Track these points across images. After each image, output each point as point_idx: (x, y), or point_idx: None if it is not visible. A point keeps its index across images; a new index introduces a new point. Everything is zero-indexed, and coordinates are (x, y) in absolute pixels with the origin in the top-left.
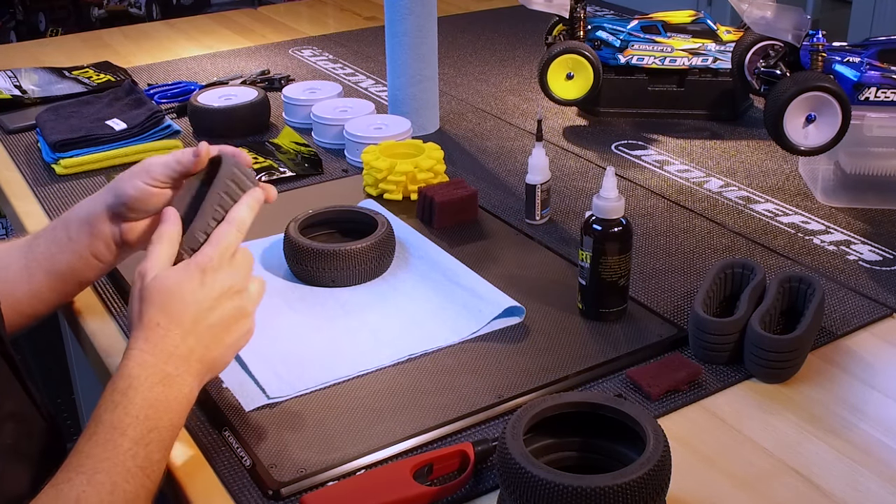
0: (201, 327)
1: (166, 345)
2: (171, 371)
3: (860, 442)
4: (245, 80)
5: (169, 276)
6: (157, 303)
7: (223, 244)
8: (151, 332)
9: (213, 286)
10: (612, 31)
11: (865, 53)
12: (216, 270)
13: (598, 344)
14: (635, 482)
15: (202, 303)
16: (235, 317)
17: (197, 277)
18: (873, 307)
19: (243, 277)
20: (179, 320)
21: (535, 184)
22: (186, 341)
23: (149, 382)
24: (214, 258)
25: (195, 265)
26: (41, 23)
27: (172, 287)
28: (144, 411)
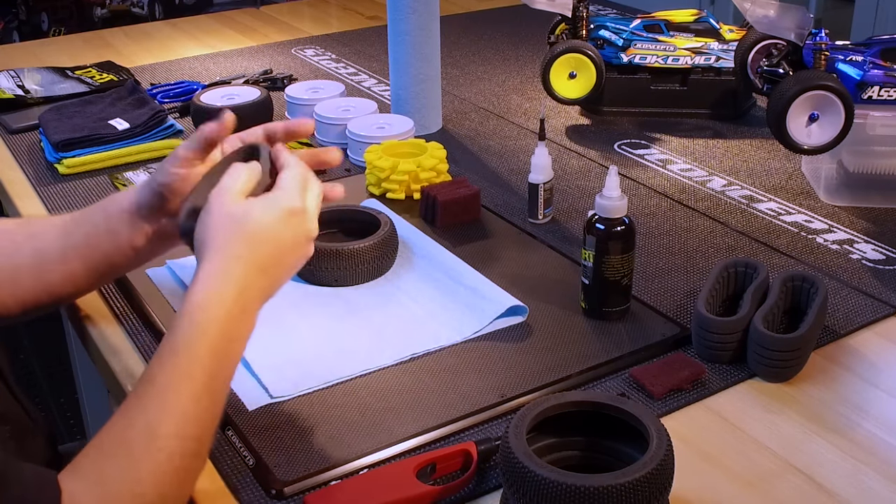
0: (278, 268)
1: (245, 281)
2: (246, 306)
3: (864, 441)
4: (248, 79)
5: (261, 210)
6: (246, 235)
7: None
8: (231, 265)
9: (297, 230)
10: (614, 30)
11: (868, 52)
12: (302, 212)
13: (601, 343)
14: (638, 481)
15: (285, 244)
16: (302, 257)
17: (285, 219)
18: (876, 306)
19: (314, 219)
20: (261, 260)
21: (537, 183)
22: (262, 280)
23: (225, 317)
24: (299, 200)
25: (286, 204)
26: (44, 23)
27: (262, 222)
28: (220, 344)
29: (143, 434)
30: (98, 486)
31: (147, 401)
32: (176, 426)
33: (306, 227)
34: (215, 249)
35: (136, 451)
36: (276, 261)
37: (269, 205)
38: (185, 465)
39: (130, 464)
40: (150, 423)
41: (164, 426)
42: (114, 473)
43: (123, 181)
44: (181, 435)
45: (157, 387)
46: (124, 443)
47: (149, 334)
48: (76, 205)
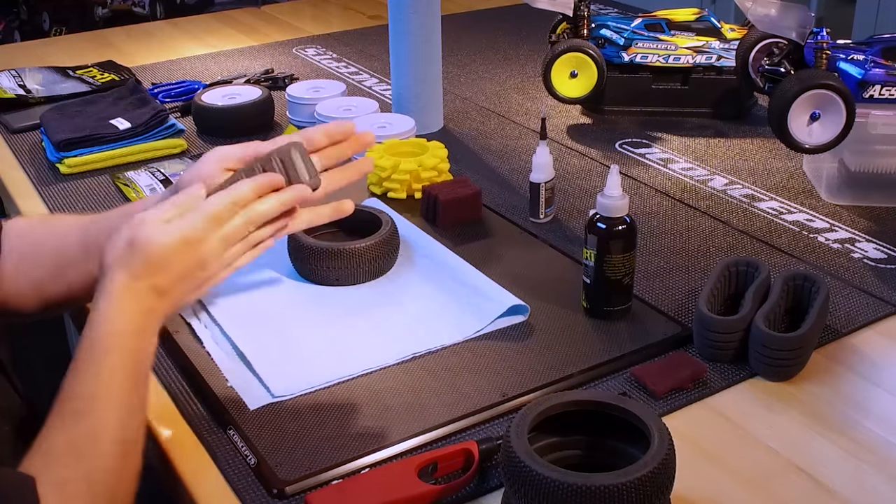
0: (173, 292)
1: (145, 301)
2: (147, 324)
3: (865, 440)
4: (249, 78)
5: (159, 237)
6: (145, 259)
7: (211, 214)
8: (134, 286)
9: (191, 259)
10: (615, 29)
11: (870, 51)
12: (199, 243)
13: (602, 342)
14: (640, 480)
15: (180, 269)
16: (199, 287)
17: (182, 245)
18: (878, 305)
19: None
20: (158, 284)
21: (539, 182)
22: (160, 302)
23: (133, 331)
24: (200, 229)
25: (184, 231)
26: (45, 22)
27: (159, 250)
28: (134, 356)
29: (87, 440)
30: (59, 488)
31: (80, 413)
32: (114, 431)
33: (200, 258)
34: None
35: (84, 456)
36: (172, 285)
37: (169, 230)
38: (127, 465)
39: (82, 466)
40: (92, 431)
41: (104, 432)
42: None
43: (125, 181)
44: (119, 439)
45: (85, 398)
46: (72, 449)
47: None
48: (77, 204)
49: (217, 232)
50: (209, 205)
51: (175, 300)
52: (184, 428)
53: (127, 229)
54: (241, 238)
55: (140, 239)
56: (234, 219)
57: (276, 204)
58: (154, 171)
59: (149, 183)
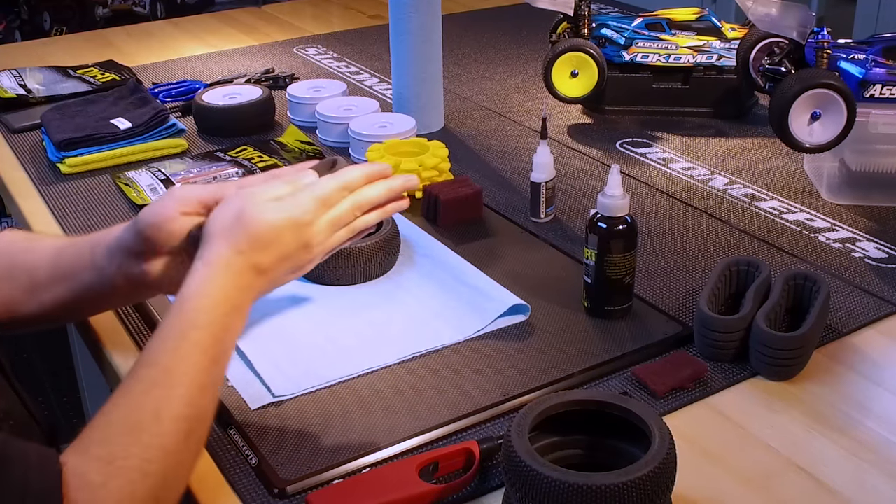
0: (272, 272)
1: (243, 278)
2: (241, 301)
3: (866, 440)
4: (249, 78)
5: (268, 212)
6: (251, 234)
7: (321, 196)
8: (235, 260)
9: (296, 240)
10: (616, 28)
11: (870, 50)
12: (307, 225)
13: (603, 342)
14: (641, 480)
15: (283, 250)
16: (298, 269)
17: (288, 225)
18: (879, 304)
19: (322, 239)
20: (260, 261)
21: (539, 182)
22: (258, 280)
23: (226, 307)
24: (308, 210)
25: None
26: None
27: (267, 224)
28: (220, 333)
29: (149, 415)
30: (107, 464)
31: (151, 383)
32: (180, 408)
33: (306, 239)
34: (219, 240)
35: (143, 431)
36: (273, 264)
37: (278, 209)
38: (189, 446)
39: (138, 443)
40: (157, 405)
41: (169, 408)
42: (121, 451)
43: (125, 180)
44: (185, 416)
45: (159, 369)
46: (130, 422)
47: (152, 333)
48: (78, 204)
49: (325, 215)
50: (320, 187)
51: (273, 280)
52: None
53: (236, 201)
54: (347, 223)
55: (248, 213)
56: (342, 203)
57: (384, 189)
58: (155, 171)
59: (149, 183)
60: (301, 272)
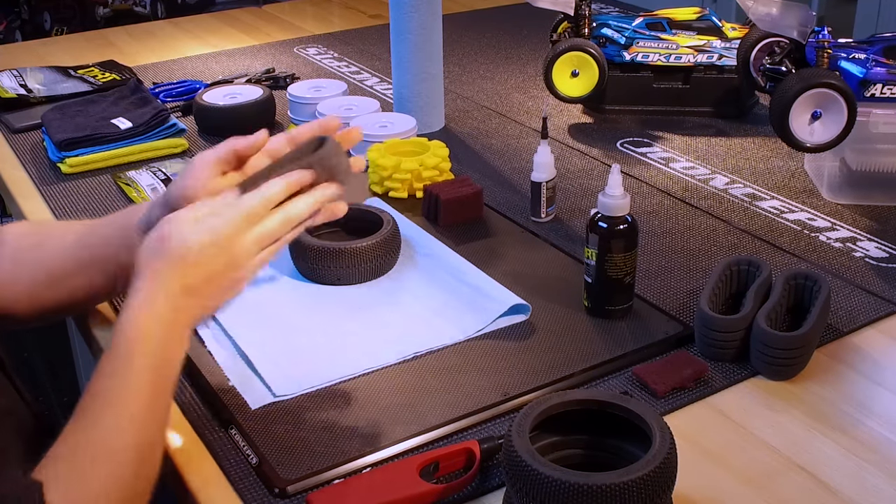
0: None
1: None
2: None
3: (867, 439)
4: (250, 78)
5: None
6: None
7: (245, 213)
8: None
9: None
10: (617, 28)
11: (871, 50)
12: (231, 243)
13: (603, 341)
14: (641, 479)
15: (208, 269)
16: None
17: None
18: (879, 304)
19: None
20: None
21: (540, 181)
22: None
23: (161, 332)
24: (231, 228)
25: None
26: (46, 22)
27: (189, 247)
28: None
29: (101, 447)
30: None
31: (98, 415)
32: (132, 437)
33: (232, 258)
34: (148, 268)
35: (98, 462)
36: (202, 285)
37: (200, 229)
38: (143, 471)
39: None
40: (106, 436)
41: (121, 438)
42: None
43: (126, 180)
44: (137, 444)
45: (105, 402)
46: (87, 454)
47: None
48: (79, 204)
49: (250, 232)
50: (242, 203)
51: (205, 300)
52: (185, 427)
53: (159, 227)
54: (277, 237)
55: (171, 237)
56: (270, 218)
57: (312, 203)
58: (155, 171)
59: (150, 182)
60: (236, 290)
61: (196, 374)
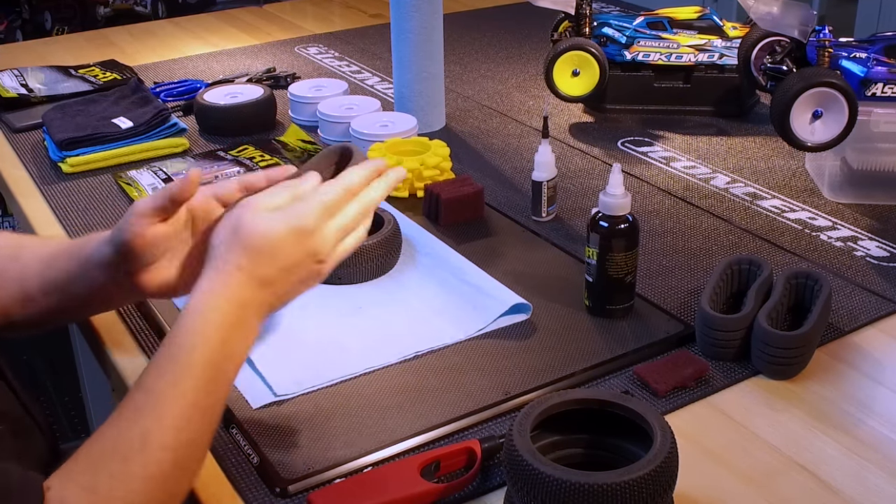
0: (278, 284)
1: (244, 292)
2: (244, 317)
3: (868, 438)
4: (251, 77)
5: (265, 221)
6: (249, 246)
7: (325, 203)
8: (233, 275)
9: (301, 249)
10: (617, 27)
11: (872, 49)
12: (311, 233)
13: (604, 341)
14: (643, 479)
15: (286, 261)
16: (309, 278)
17: (290, 234)
18: (880, 303)
19: (331, 245)
20: (262, 273)
21: (541, 181)
22: (261, 293)
23: (223, 326)
24: (311, 219)
25: (294, 221)
26: (47, 22)
27: (265, 235)
28: (216, 354)
29: (136, 443)
30: (90, 493)
31: (140, 410)
32: (169, 437)
33: (313, 249)
34: (219, 258)
35: (128, 461)
36: (278, 276)
37: (278, 219)
38: (177, 474)
39: (123, 473)
40: (144, 433)
41: (157, 436)
42: (106, 481)
43: (127, 180)
44: (174, 445)
45: (150, 396)
46: (117, 451)
47: (153, 333)
48: (80, 204)
49: (330, 222)
50: (324, 193)
51: (282, 292)
52: None
53: (235, 214)
54: (355, 228)
55: (245, 226)
56: (349, 207)
57: (385, 188)
58: (156, 171)
59: (151, 182)
60: (314, 282)
61: None
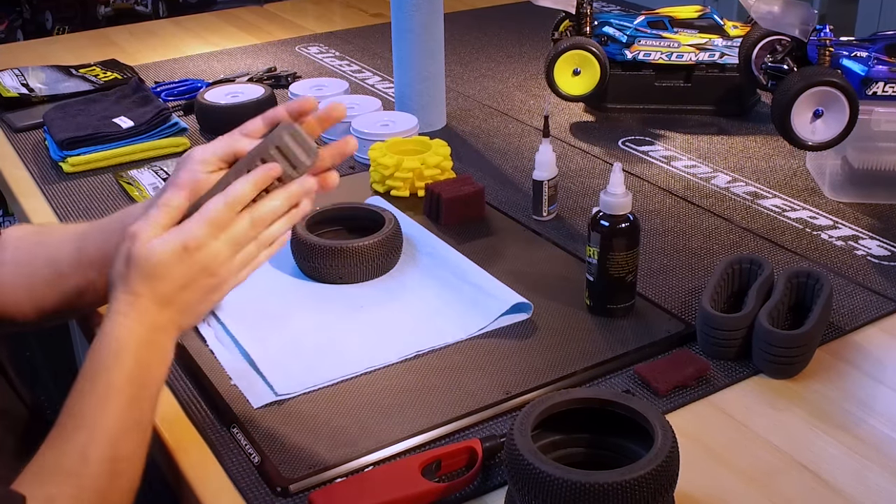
0: (178, 301)
1: (149, 315)
2: (154, 337)
3: (869, 437)
4: (252, 77)
5: (154, 248)
6: (141, 273)
7: (209, 219)
8: (135, 301)
9: (191, 266)
10: (618, 26)
11: (873, 48)
12: (197, 249)
13: (605, 340)
14: (644, 478)
15: (179, 280)
16: (210, 292)
17: (177, 254)
18: (881, 302)
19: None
20: (160, 295)
21: (542, 180)
22: (165, 313)
23: (136, 346)
24: (199, 236)
25: (179, 239)
26: (48, 21)
27: (155, 262)
28: (135, 372)
29: (75, 459)
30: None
31: (72, 430)
32: (104, 450)
33: (203, 264)
34: (119, 288)
35: (75, 475)
36: (175, 295)
37: (163, 241)
38: (117, 486)
39: (73, 485)
40: (80, 451)
41: (93, 452)
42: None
43: (128, 179)
44: (110, 458)
45: (79, 417)
46: (59, 469)
47: None
48: (81, 203)
49: (220, 236)
50: (206, 210)
51: (184, 309)
52: (188, 426)
53: (124, 245)
54: (251, 240)
55: (134, 254)
56: (239, 221)
57: (283, 201)
58: (157, 170)
59: (152, 182)
60: (216, 296)
61: (198, 374)
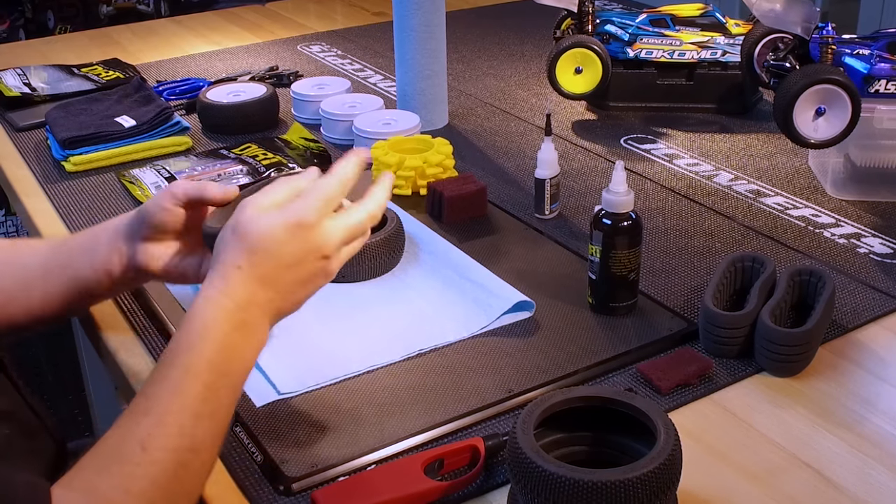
0: (281, 281)
1: (245, 291)
2: (248, 318)
3: (871, 435)
4: (254, 76)
5: (264, 219)
6: (246, 245)
7: (324, 197)
8: (231, 276)
9: (303, 244)
10: (620, 24)
11: (875, 46)
12: (311, 227)
13: (608, 338)
14: (646, 476)
15: (287, 258)
16: (316, 276)
17: (290, 231)
18: (884, 300)
19: (336, 241)
20: (261, 272)
21: (544, 178)
22: (265, 291)
23: (225, 328)
24: (311, 214)
25: (293, 216)
26: (50, 20)
27: (264, 233)
28: (219, 356)
29: (135, 447)
30: (88, 494)
31: (141, 414)
32: (169, 439)
33: (316, 243)
34: (219, 261)
35: (127, 464)
36: (280, 274)
37: (277, 217)
38: (180, 477)
39: (122, 476)
40: (143, 437)
41: (157, 439)
42: (105, 485)
43: (130, 178)
44: (175, 448)
45: (151, 400)
46: (117, 456)
47: (157, 332)
48: (83, 202)
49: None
50: (321, 187)
51: (286, 291)
52: None
53: (235, 215)
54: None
55: (243, 225)
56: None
57: (387, 191)
58: (159, 169)
59: (154, 181)
60: (322, 280)
61: None
